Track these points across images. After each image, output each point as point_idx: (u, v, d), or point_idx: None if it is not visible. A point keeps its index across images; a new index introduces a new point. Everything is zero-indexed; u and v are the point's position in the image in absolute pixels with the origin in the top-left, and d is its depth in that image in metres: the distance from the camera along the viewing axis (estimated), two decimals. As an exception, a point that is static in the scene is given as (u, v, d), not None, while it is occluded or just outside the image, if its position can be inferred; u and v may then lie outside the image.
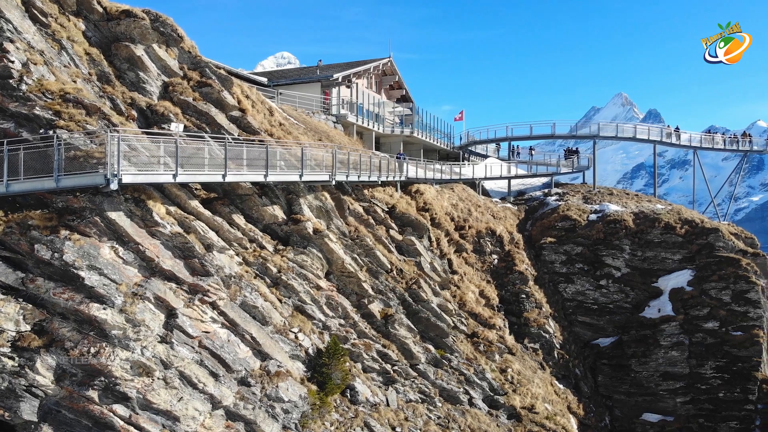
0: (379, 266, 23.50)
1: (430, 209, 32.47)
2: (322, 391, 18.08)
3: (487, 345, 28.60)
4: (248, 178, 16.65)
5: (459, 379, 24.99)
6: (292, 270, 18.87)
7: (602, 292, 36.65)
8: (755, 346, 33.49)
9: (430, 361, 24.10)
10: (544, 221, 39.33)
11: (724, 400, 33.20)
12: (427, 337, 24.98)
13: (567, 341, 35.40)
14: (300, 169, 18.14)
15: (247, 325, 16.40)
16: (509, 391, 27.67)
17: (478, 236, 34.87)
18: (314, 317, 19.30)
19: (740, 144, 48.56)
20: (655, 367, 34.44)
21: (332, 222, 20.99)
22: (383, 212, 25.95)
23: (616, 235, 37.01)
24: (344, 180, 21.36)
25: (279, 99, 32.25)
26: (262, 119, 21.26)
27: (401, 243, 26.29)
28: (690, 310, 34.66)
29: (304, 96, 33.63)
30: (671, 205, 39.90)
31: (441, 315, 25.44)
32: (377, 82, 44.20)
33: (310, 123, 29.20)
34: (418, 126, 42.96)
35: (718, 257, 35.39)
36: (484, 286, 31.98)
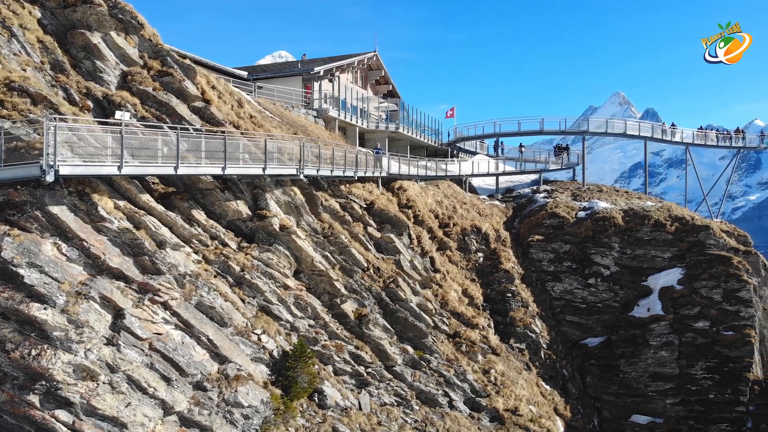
0: (354, 264, 22.63)
1: (413, 206, 31.62)
2: (287, 395, 17.21)
3: (469, 345, 27.75)
4: (204, 171, 15.77)
5: (438, 381, 24.14)
6: (256, 269, 17.99)
7: (591, 290, 35.82)
8: (747, 346, 32.67)
9: (407, 362, 23.24)
10: (531, 219, 38.49)
11: (714, 402, 32.37)
12: (405, 337, 24.12)
13: (554, 341, 34.58)
14: (263, 162, 17.22)
15: (203, 327, 15.51)
16: (492, 393, 26.83)
17: (463, 234, 34.02)
18: (281, 318, 18.42)
19: (733, 140, 47.73)
20: (644, 367, 33.61)
21: (302, 218, 20.11)
22: (361, 209, 25.07)
23: (605, 233, 36.17)
24: (315, 174, 20.48)
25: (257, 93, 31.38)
26: (228, 111, 20.37)
27: (380, 240, 25.42)
28: (680, 309, 33.83)
29: (284, 90, 32.74)
30: (662, 202, 39.11)
31: (420, 315, 24.58)
32: (363, 77, 43.31)
33: (288, 117, 28.32)
34: (404, 122, 42.06)
35: (709, 255, 34.57)
36: (468, 285, 31.13)
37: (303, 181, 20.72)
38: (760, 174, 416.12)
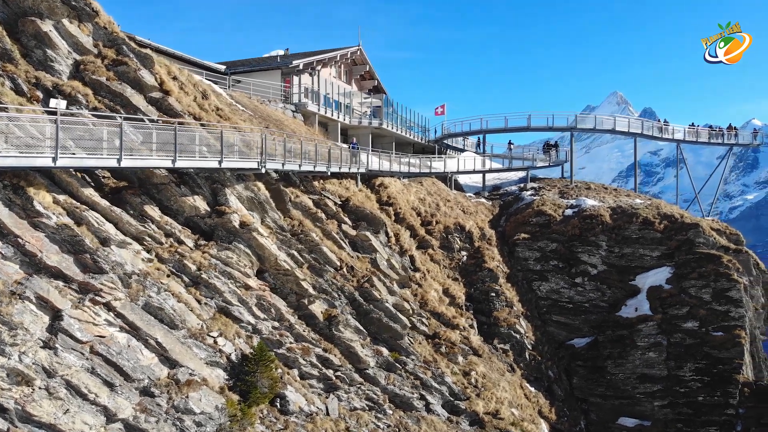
0: (326, 263, 21.77)
1: (393, 203, 30.77)
2: (246, 401, 16.34)
3: (449, 346, 26.89)
4: (152, 163, 14.88)
5: (414, 384, 23.27)
6: (214, 268, 17.12)
7: (577, 290, 34.98)
8: (737, 347, 31.83)
9: (381, 365, 22.38)
10: (518, 216, 37.65)
11: (703, 404, 31.53)
12: (380, 339, 23.26)
13: (540, 342, 33.74)
14: (220, 155, 16.33)
15: (151, 329, 14.63)
16: (472, 396, 25.96)
17: (446, 232, 33.15)
18: (241, 320, 17.55)
19: (726, 137, 46.93)
20: (631, 369, 32.77)
21: (267, 215, 19.23)
22: (336, 206, 24.21)
23: (592, 231, 35.34)
24: (280, 169, 19.58)
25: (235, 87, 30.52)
26: (190, 102, 19.48)
27: (355, 239, 24.57)
28: (668, 309, 33.00)
29: (261, 84, 31.86)
30: (650, 200, 38.31)
31: (396, 315, 23.72)
32: (347, 72, 42.39)
33: (262, 111, 27.43)
34: (389, 118, 41.16)
35: (698, 254, 33.75)
36: (450, 284, 30.28)
37: (270, 176, 19.86)
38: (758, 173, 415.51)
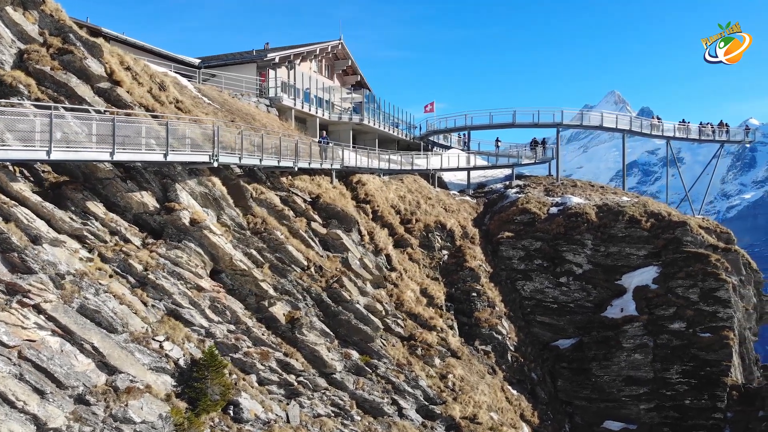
0: (291, 263, 20.83)
1: (371, 201, 29.84)
2: (194, 409, 15.39)
3: (425, 349, 25.98)
4: (88, 156, 13.92)
5: (385, 389, 22.35)
6: (162, 268, 16.17)
7: (562, 290, 34.09)
8: (725, 348, 30.95)
9: (350, 369, 21.45)
10: (502, 215, 36.75)
11: (690, 408, 30.66)
12: (350, 341, 22.34)
13: (523, 343, 32.84)
14: (165, 147, 15.37)
15: (87, 333, 13.69)
16: (449, 400, 25.04)
17: (426, 230, 32.23)
18: (193, 323, 16.62)
19: (717, 134, 46.04)
20: (617, 371, 31.89)
21: (224, 212, 18.28)
22: (305, 203, 23.28)
23: (578, 230, 34.45)
24: (235, 163, 18.62)
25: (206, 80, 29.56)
26: (143, 94, 18.53)
27: (326, 237, 23.63)
28: (655, 309, 32.13)
29: (235, 78, 30.91)
30: (638, 197, 37.43)
31: (368, 317, 22.79)
32: (329, 66, 41.40)
33: (232, 105, 26.49)
34: (372, 114, 40.19)
35: (686, 253, 32.88)
36: (429, 284, 29.37)
37: (230, 172, 18.92)
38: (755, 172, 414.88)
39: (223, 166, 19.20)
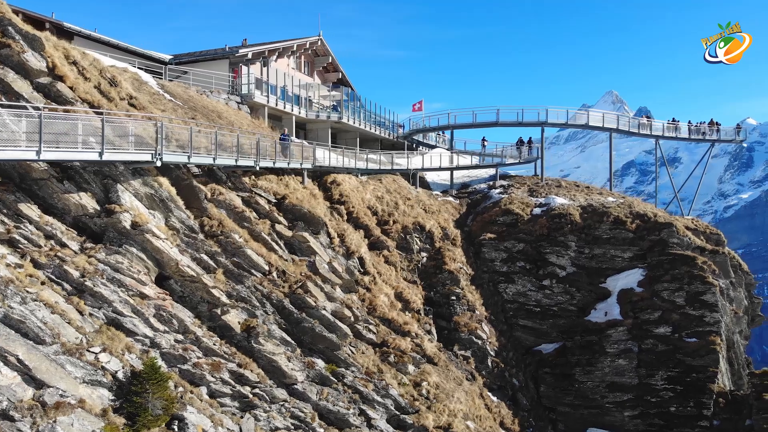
0: (251, 267, 19.84)
1: (346, 202, 28.88)
2: (133, 425, 14.40)
3: (398, 355, 24.99)
4: (12, 155, 12.87)
5: (352, 399, 21.36)
6: (102, 274, 15.17)
7: (545, 293, 33.14)
8: (711, 354, 29.99)
9: (314, 379, 20.46)
10: (484, 216, 35.79)
11: (676, 415, 29.70)
12: (315, 350, 21.36)
13: (504, 347, 31.88)
14: (101, 145, 14.34)
15: (11, 345, 12.69)
16: (422, 409, 24.06)
17: (404, 232, 31.26)
18: (136, 333, 15.62)
19: (707, 133, 45.11)
20: (601, 376, 30.94)
21: (172, 214, 17.27)
22: (269, 204, 22.29)
23: (561, 231, 33.49)
24: (183, 162, 17.58)
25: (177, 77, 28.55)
26: (89, 89, 17.51)
27: (291, 240, 22.65)
28: (640, 313, 31.19)
29: (205, 74, 29.89)
30: (624, 198, 36.48)
31: (334, 324, 21.81)
32: (308, 63, 40.37)
33: (198, 102, 25.48)
34: (353, 112, 39.15)
35: (672, 255, 31.94)
36: (404, 288, 28.39)
37: (182, 171, 17.91)
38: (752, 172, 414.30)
39: (175, 166, 18.20)
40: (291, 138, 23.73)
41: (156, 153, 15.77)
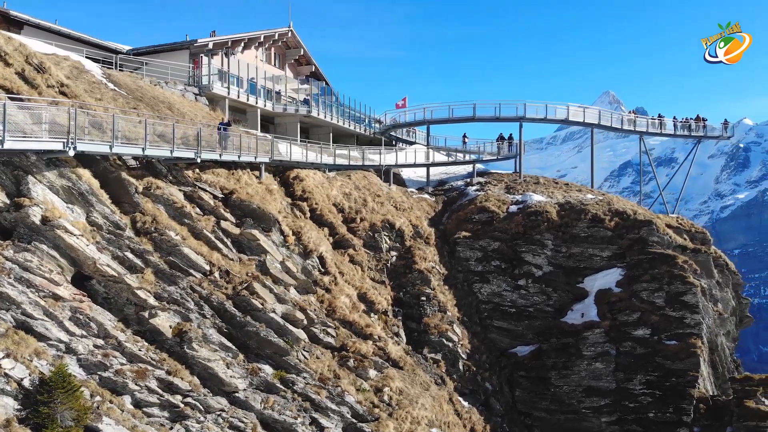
0: (190, 267, 18.55)
1: (309, 198, 27.61)
2: (38, 438, 13.11)
3: (358, 360, 23.68)
4: None
5: (302, 407, 20.02)
6: (9, 273, 13.87)
7: (521, 293, 31.87)
8: (692, 357, 28.70)
9: (258, 386, 19.14)
10: (459, 213, 34.53)
11: (654, 421, 28.37)
12: (263, 355, 20.06)
13: (477, 350, 30.61)
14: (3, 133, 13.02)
15: None
16: (383, 416, 22.73)
17: (372, 230, 29.98)
18: (49, 337, 14.32)
19: (693, 129, 43.92)
20: (577, 380, 29.65)
21: (94, 209, 15.96)
22: (215, 199, 20.99)
23: (537, 229, 32.22)
24: (105, 152, 16.24)
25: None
26: (9, 75, 16.18)
27: (240, 238, 21.35)
28: (618, 315, 29.93)
29: (165, 64, 28.59)
30: (603, 195, 35.22)
31: (284, 327, 20.51)
32: (279, 55, 39.01)
33: (147, 92, 24.17)
34: (326, 107, 37.80)
35: (651, 254, 30.69)
36: (369, 288, 27.11)
37: (110, 162, 16.59)
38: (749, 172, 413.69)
39: (102, 157, 16.90)
40: (228, 128, 22.01)
41: (68, 141, 14.46)
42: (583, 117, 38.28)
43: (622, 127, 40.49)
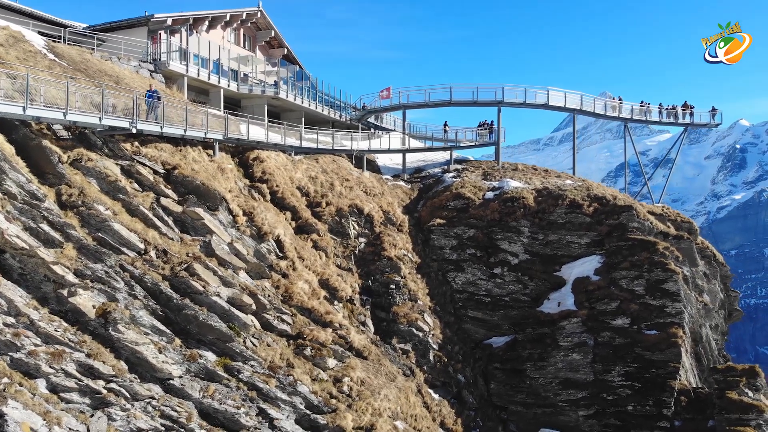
0: (121, 245, 17.23)
1: (269, 180, 26.31)
2: None
3: (316, 348, 22.34)
4: None
5: (248, 396, 18.67)
6: None
7: (496, 282, 30.58)
8: (672, 348, 27.39)
9: (198, 373, 17.78)
10: (434, 200, 33.24)
11: (633, 415, 27.04)
12: (205, 341, 18.69)
13: (450, 341, 29.31)
14: None
15: None
16: (341, 407, 21.39)
17: (339, 215, 28.66)
18: (-56, 314, 12.96)
19: (680, 117, 42.69)
20: (554, 372, 28.35)
21: (6, 177, 14.60)
22: (155, 174, 19.65)
23: (513, 216, 30.95)
24: (19, 115, 14.89)
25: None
26: None
27: (183, 217, 20.00)
28: (596, 303, 28.65)
29: (118, 39, 27.27)
30: (583, 181, 33.93)
31: (230, 312, 19.17)
32: (250, 37, 37.61)
33: (92, 65, 22.81)
34: (297, 89, 36.43)
35: (631, 240, 29.42)
36: (332, 275, 25.76)
37: (31, 129, 15.27)
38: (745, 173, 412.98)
39: (21, 122, 15.56)
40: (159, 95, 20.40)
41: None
42: (564, 102, 36.98)
43: (606, 113, 39.23)
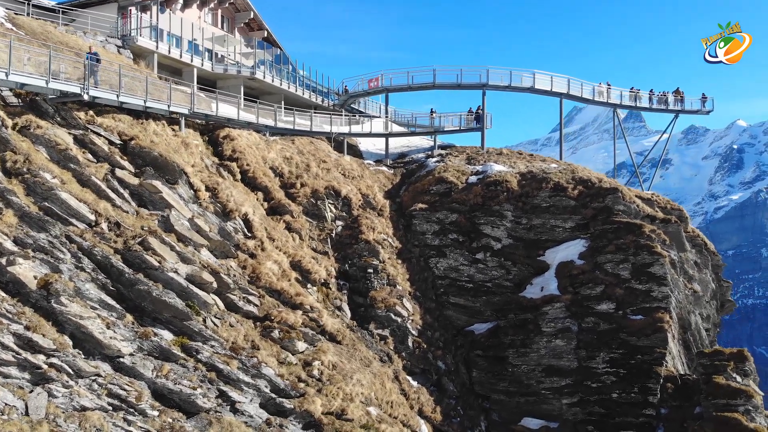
0: (70, 216, 16.34)
1: (239, 159, 25.44)
2: None
3: (284, 331, 21.47)
4: None
5: (207, 377, 17.78)
6: None
7: (479, 267, 29.72)
8: (658, 333, 26.51)
9: (151, 352, 16.89)
10: (417, 185, 32.37)
11: (618, 402, 26.14)
12: (161, 319, 17.80)
13: (430, 327, 28.43)
14: None
15: None
16: (309, 392, 20.52)
17: (314, 197, 27.77)
18: None
19: (671, 103, 41.86)
20: (536, 359, 27.46)
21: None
22: (110, 145, 18.74)
23: (496, 200, 30.07)
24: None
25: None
26: None
27: (140, 189, 19.09)
28: (580, 288, 27.77)
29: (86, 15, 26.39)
30: (568, 164, 33.08)
31: (189, 290, 18.30)
32: (229, 18, 36.69)
33: (53, 38, 21.86)
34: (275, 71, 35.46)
35: (617, 223, 28.55)
36: (304, 256, 24.87)
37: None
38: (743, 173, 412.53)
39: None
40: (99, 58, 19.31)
41: None
42: (550, 85, 36.12)
43: (594, 98, 38.36)
